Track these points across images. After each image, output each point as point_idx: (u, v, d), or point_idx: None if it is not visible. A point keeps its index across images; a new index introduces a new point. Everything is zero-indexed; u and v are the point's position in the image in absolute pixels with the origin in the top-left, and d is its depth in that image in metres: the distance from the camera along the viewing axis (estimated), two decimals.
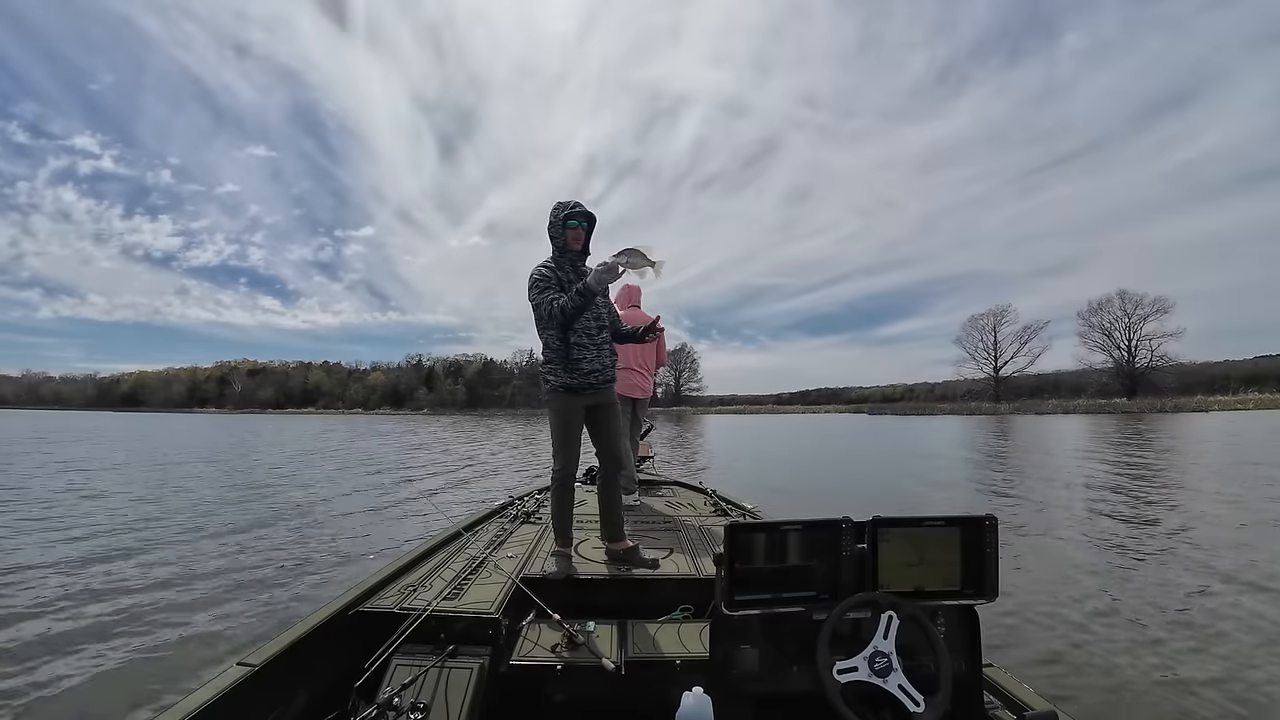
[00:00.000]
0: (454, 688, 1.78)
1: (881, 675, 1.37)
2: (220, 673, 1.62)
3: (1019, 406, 55.30)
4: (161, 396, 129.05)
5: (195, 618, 3.96)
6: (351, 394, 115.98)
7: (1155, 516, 6.83)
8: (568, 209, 2.65)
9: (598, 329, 2.73)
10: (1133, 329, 57.40)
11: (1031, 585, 4.37)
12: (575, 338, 2.65)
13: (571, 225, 2.65)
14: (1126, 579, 4.52)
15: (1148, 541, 5.65)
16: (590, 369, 2.66)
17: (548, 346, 2.70)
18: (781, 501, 8.70)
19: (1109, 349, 59.55)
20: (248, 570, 5.11)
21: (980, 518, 1.54)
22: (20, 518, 7.34)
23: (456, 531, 3.16)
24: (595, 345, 2.71)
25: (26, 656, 3.38)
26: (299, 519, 7.49)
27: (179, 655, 3.45)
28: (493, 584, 2.36)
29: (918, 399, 79.93)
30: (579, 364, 2.65)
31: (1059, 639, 3.44)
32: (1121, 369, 58.03)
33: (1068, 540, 5.83)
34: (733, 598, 1.50)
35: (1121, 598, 4.08)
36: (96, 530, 6.64)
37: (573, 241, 2.68)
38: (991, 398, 62.94)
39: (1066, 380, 63.82)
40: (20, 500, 8.63)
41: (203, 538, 6.37)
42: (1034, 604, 3.95)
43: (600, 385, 2.72)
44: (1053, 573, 4.70)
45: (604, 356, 2.73)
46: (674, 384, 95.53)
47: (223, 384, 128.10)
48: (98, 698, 2.98)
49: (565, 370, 2.65)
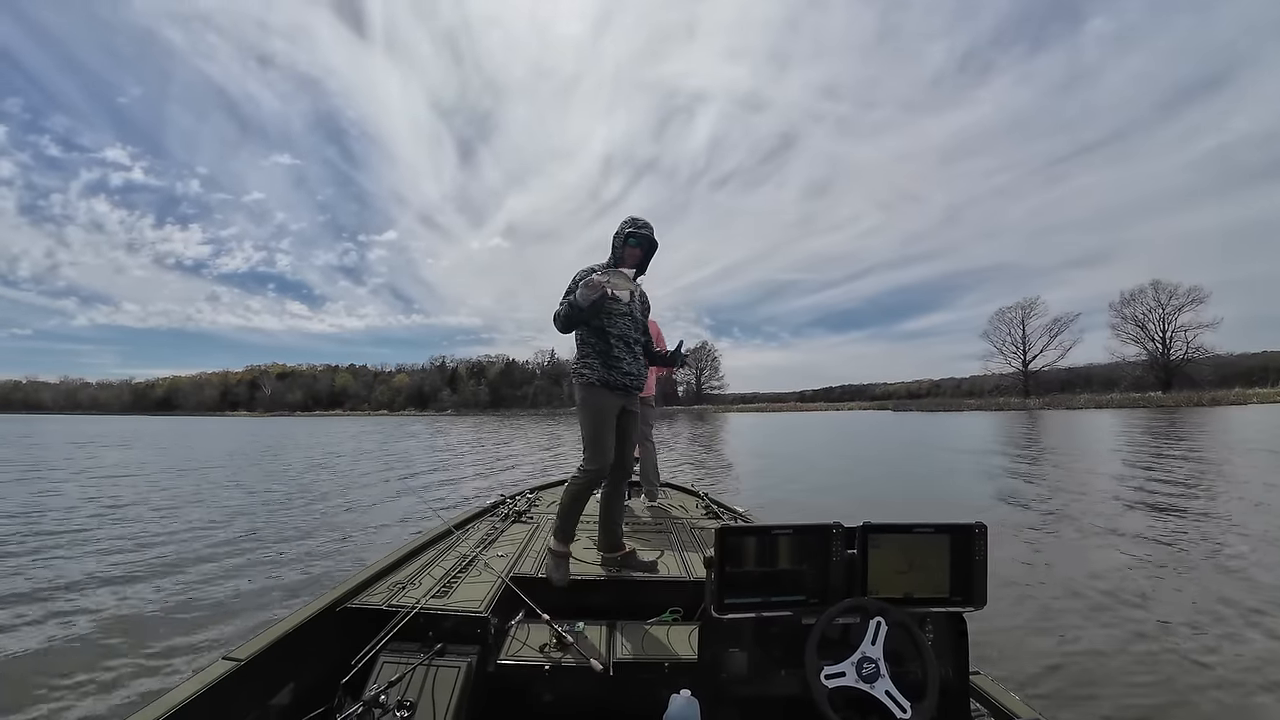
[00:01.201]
0: (441, 686, 1.79)
1: (869, 681, 1.37)
2: (206, 667, 1.62)
3: (1049, 401, 53.85)
4: (194, 400, 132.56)
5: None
6: (377, 396, 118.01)
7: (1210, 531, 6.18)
8: (632, 226, 2.73)
9: (635, 339, 2.80)
10: (1167, 320, 55.86)
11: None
12: (614, 340, 2.70)
13: (631, 243, 2.73)
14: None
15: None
16: (628, 370, 2.71)
17: (584, 343, 2.73)
18: (821, 505, 8.37)
19: (1142, 341, 58.07)
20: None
21: (969, 525, 1.54)
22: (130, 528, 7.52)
23: (447, 529, 3.16)
24: (633, 352, 2.76)
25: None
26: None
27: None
28: (482, 583, 2.36)
29: (944, 395, 78.51)
30: (619, 363, 2.68)
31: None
32: (1156, 361, 56.41)
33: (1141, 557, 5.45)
34: (722, 601, 1.50)
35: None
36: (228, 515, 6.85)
37: (628, 258, 2.74)
38: (1020, 393, 61.39)
39: (1098, 374, 62.19)
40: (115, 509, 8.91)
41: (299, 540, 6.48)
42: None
43: (634, 389, 2.75)
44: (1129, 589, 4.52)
45: (639, 363, 2.80)
46: (695, 382, 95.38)
47: (253, 387, 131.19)
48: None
49: (605, 367, 2.67)
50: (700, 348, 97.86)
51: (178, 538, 6.46)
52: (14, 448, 21.17)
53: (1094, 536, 5.97)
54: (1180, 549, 5.35)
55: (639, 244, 2.74)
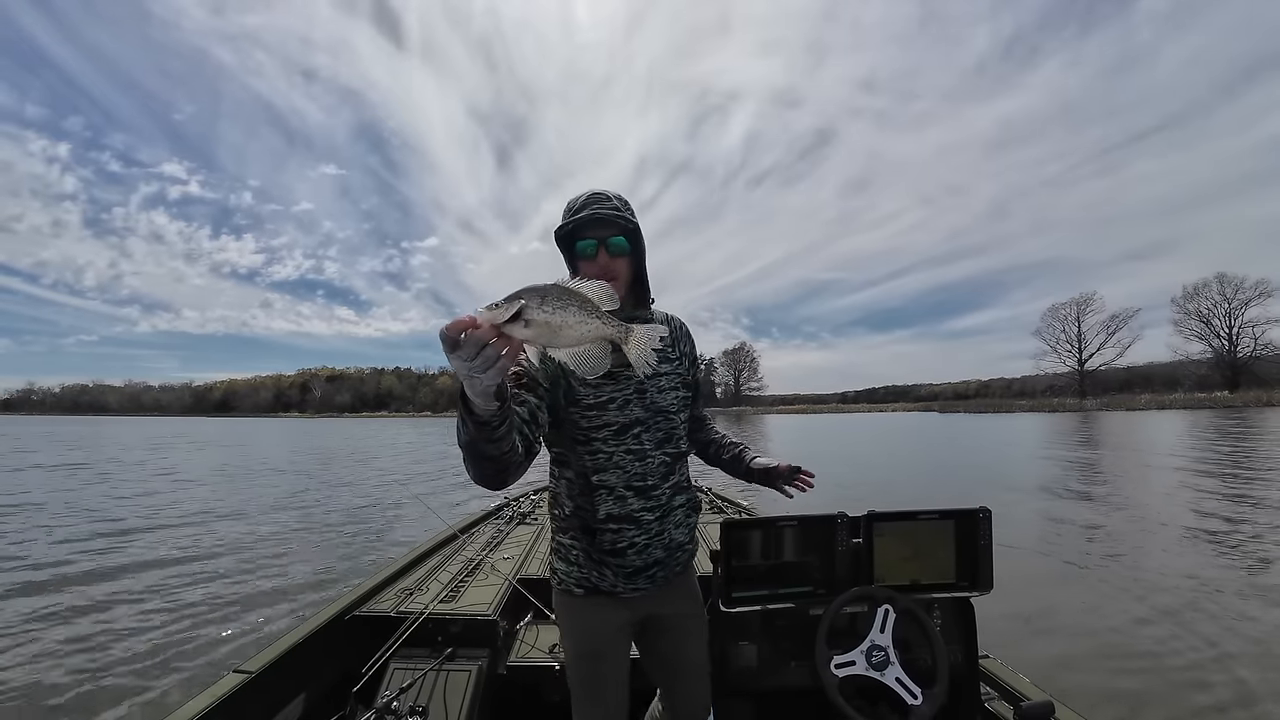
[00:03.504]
0: (452, 690, 1.80)
1: (879, 669, 1.38)
2: (216, 681, 1.63)
3: (1107, 402, 52.03)
4: (250, 402, 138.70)
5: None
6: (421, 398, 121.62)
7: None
8: (575, 213, 1.90)
9: (655, 469, 2.45)
10: (1233, 315, 53.58)
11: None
12: (600, 485, 2.23)
13: (581, 248, 2.01)
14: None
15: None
16: (638, 547, 2.28)
17: (553, 493, 2.24)
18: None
19: (1207, 337, 55.80)
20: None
21: (974, 510, 1.54)
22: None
23: (453, 534, 3.16)
24: (652, 500, 2.34)
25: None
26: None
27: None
28: (490, 586, 2.35)
29: (993, 395, 76.61)
30: (618, 535, 2.28)
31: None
32: (1222, 359, 54.13)
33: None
34: (730, 594, 1.51)
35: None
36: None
37: (589, 269, 2.03)
38: (1076, 393, 59.66)
39: (1159, 373, 59.96)
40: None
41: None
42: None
43: (654, 584, 2.29)
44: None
45: (673, 521, 2.34)
46: (733, 383, 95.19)
47: (304, 390, 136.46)
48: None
49: (587, 553, 2.24)
50: (739, 349, 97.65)
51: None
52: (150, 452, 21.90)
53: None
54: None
55: (586, 243, 1.36)
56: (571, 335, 0.81)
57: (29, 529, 7.81)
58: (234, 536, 7.27)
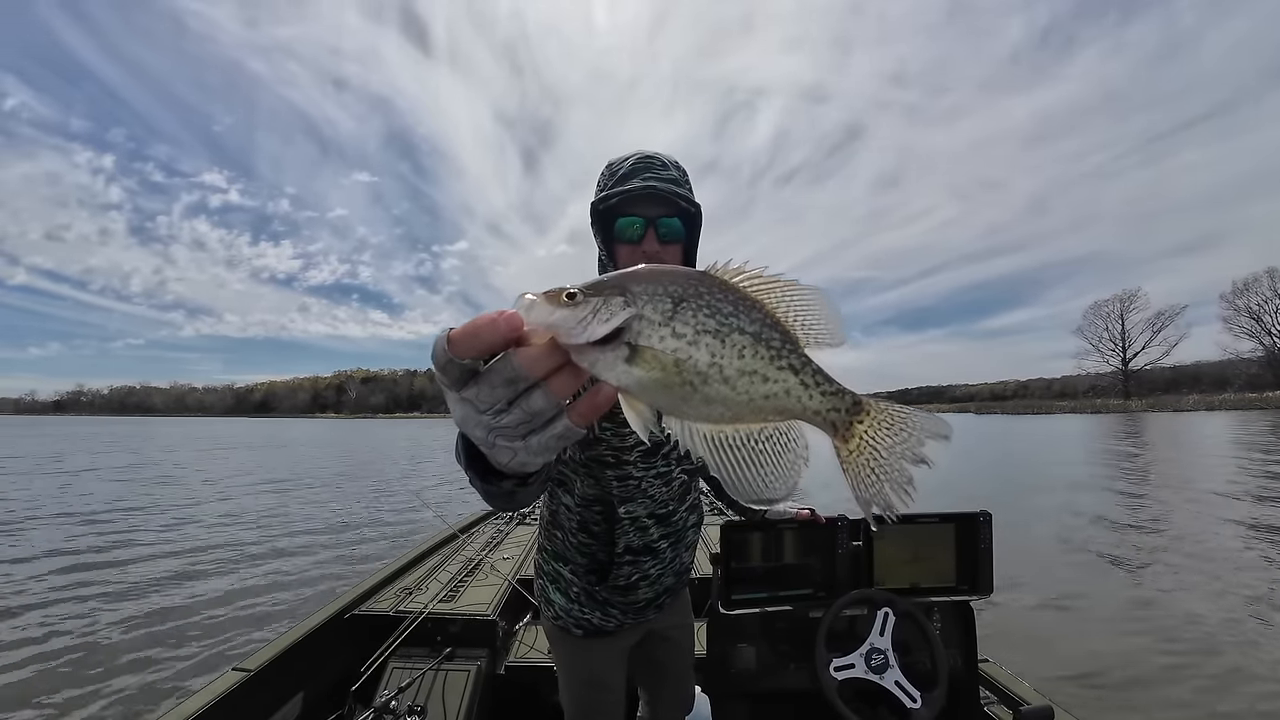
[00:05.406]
0: (451, 690, 1.80)
1: (878, 672, 1.37)
2: (216, 678, 1.63)
3: (1153, 403, 50.65)
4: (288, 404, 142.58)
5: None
6: None
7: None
8: (621, 179, 1.45)
9: (673, 520, 2.36)
10: None
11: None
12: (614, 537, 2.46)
13: (623, 226, 1.58)
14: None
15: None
16: (636, 589, 2.55)
17: (548, 525, 2.48)
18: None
19: (1258, 335, 54.13)
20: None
21: (974, 514, 1.53)
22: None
23: (453, 534, 3.14)
24: (657, 554, 2.34)
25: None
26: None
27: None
28: (489, 586, 2.35)
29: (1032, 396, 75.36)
30: (618, 576, 2.32)
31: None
32: (1274, 357, 52.36)
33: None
34: (729, 597, 1.49)
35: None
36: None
37: (625, 256, 1.78)
38: (1120, 394, 58.26)
39: (1208, 372, 58.45)
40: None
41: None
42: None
43: (648, 612, 2.55)
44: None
45: (673, 557, 2.60)
46: None
47: (340, 391, 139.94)
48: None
49: (585, 592, 2.56)
50: None
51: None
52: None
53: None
54: None
55: (630, 220, 1.10)
56: (730, 396, 0.42)
57: (28, 530, 7.87)
58: (234, 536, 7.33)
